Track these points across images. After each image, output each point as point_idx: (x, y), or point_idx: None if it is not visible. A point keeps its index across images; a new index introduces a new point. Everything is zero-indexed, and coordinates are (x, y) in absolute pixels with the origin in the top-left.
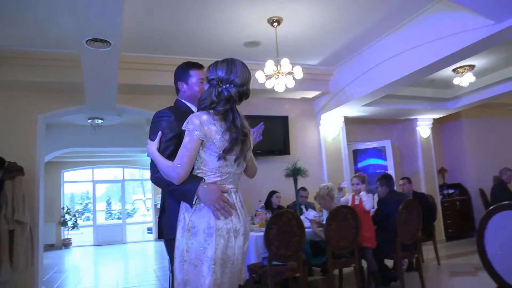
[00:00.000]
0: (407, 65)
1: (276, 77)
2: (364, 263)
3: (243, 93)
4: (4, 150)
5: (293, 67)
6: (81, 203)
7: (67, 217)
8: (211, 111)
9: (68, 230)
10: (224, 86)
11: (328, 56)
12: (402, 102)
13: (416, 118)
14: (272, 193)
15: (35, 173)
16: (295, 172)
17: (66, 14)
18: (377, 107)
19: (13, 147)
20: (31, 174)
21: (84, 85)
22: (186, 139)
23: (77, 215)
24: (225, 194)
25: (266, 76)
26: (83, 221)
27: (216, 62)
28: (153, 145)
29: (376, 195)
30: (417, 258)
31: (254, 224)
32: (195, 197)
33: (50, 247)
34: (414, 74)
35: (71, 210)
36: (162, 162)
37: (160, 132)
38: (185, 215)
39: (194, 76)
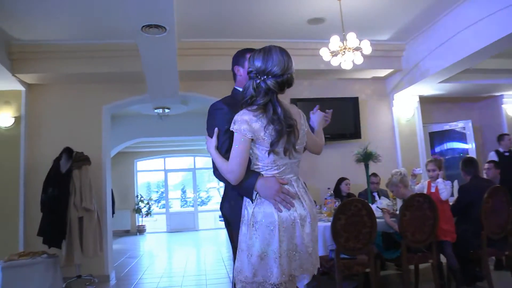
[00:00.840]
0: (490, 33)
1: (342, 54)
2: (443, 259)
3: (284, 82)
4: (71, 141)
5: (360, 41)
6: (157, 191)
7: (141, 204)
8: (252, 107)
9: (142, 217)
10: (262, 78)
11: (399, 30)
12: (485, 77)
13: (501, 95)
14: (341, 180)
15: (102, 162)
16: (366, 157)
17: (120, 3)
18: (455, 84)
19: (80, 137)
20: (98, 164)
21: (144, 73)
22: (235, 140)
23: (150, 203)
24: (286, 186)
25: (332, 53)
26: (160, 208)
27: (254, 51)
28: (212, 142)
29: (456, 182)
30: (507, 255)
31: (321, 213)
32: (255, 192)
33: (126, 233)
34: (499, 43)
35: (144, 198)
36: (219, 161)
37: (216, 128)
38: (248, 210)
39: None
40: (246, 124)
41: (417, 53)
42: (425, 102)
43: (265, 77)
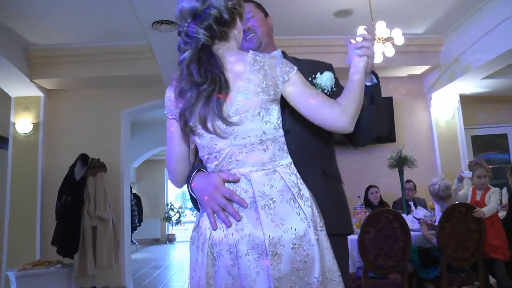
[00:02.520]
0: None
1: None
2: (493, 281)
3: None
4: (89, 147)
5: (391, 31)
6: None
7: (171, 213)
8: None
9: (172, 226)
10: (184, 25)
11: (436, 21)
12: None
13: None
14: (368, 188)
15: (120, 169)
16: (400, 162)
17: (129, 1)
18: (502, 80)
19: (98, 144)
20: (116, 171)
21: (161, 75)
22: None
23: (181, 211)
24: (232, 185)
25: None
26: (194, 217)
27: None
28: None
29: (504, 190)
30: None
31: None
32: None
33: (155, 241)
34: None
35: (175, 206)
36: None
37: None
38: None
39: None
40: (168, 100)
41: (457, 46)
42: (467, 101)
43: (184, 21)
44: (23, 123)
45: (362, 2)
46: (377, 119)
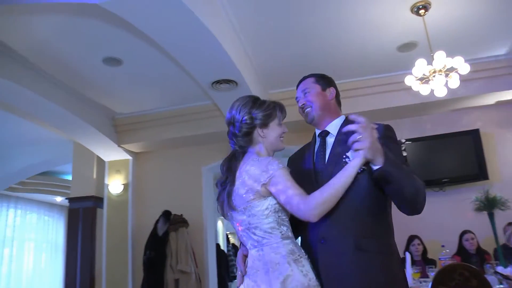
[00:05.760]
0: None
1: (432, 78)
2: None
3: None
4: (173, 203)
5: (466, 58)
6: None
7: None
8: None
9: None
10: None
11: None
12: None
13: None
14: (462, 234)
15: (203, 223)
16: (489, 204)
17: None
18: None
19: (181, 200)
20: (199, 225)
21: None
22: None
23: None
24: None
25: (420, 80)
26: None
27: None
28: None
29: None
30: None
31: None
32: None
33: None
34: None
35: None
36: None
37: None
38: None
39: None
40: None
41: None
42: None
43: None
44: (115, 184)
45: (428, 32)
46: (415, 189)
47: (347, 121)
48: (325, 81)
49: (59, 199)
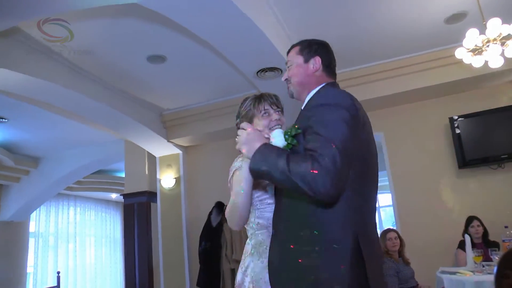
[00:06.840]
0: None
1: (485, 48)
2: None
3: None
4: (224, 194)
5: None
6: None
7: None
8: None
9: None
10: None
11: None
12: None
13: None
14: None
15: None
16: None
17: (231, 56)
18: None
19: None
20: None
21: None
22: None
23: None
24: None
25: (472, 51)
26: None
27: None
28: None
29: None
30: None
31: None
32: None
33: None
34: None
35: None
36: None
37: None
38: None
39: None
40: None
41: None
42: None
43: None
44: (167, 179)
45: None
46: (281, 172)
47: (325, 87)
48: (310, 49)
49: (114, 195)
